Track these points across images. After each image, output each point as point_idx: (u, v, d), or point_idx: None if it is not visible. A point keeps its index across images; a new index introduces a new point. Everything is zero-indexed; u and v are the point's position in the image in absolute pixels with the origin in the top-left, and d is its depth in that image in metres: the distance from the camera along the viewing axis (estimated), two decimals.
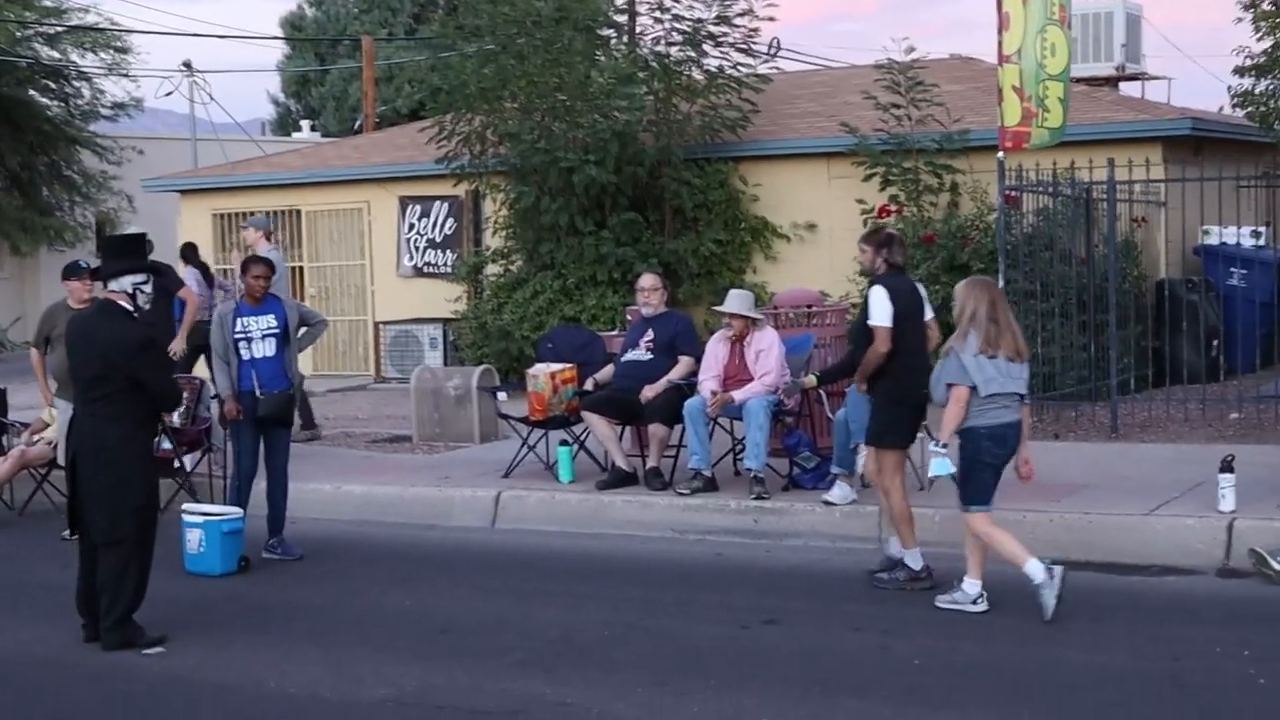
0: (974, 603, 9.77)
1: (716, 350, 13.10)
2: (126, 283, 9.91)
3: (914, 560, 10.61)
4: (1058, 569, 9.57)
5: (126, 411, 9.71)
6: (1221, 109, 23.00)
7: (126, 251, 10.21)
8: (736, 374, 12.95)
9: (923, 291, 11.17)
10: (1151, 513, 11.38)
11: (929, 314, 11.01)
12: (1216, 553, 10.82)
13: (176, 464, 13.78)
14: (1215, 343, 18.11)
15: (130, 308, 9.90)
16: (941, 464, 9.76)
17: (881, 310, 10.53)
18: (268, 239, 17.28)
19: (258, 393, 12.22)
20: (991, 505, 9.90)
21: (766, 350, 12.81)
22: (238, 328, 12.30)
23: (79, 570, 9.96)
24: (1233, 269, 18.65)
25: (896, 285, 10.69)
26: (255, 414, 12.23)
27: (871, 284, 10.74)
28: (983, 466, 9.74)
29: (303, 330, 12.73)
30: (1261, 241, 18.93)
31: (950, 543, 11.45)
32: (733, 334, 12.99)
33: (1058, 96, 15.18)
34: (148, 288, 10.01)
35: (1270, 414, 15.40)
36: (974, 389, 9.64)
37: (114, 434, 9.68)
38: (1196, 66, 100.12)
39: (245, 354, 12.27)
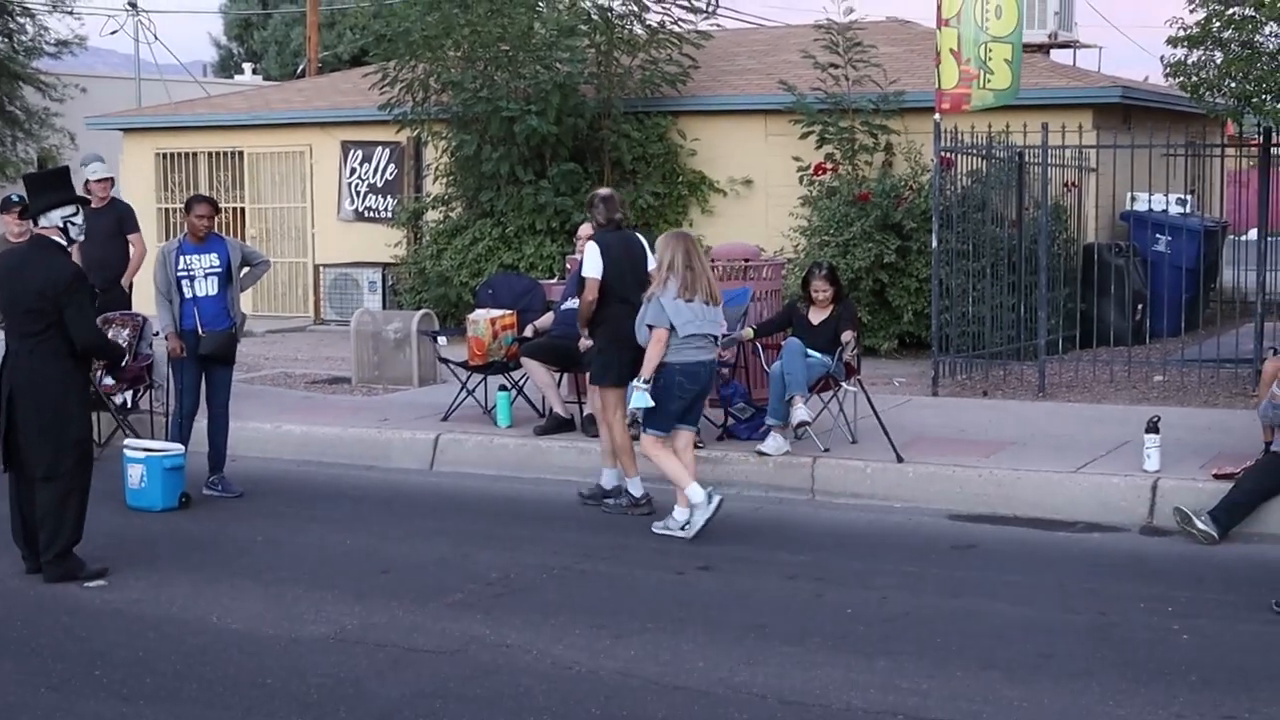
0: (682, 528, 10.76)
1: None
2: (56, 216, 9.86)
3: (635, 488, 11.63)
4: (716, 497, 10.62)
5: (63, 346, 9.69)
6: (1147, 78, 23.31)
7: (52, 186, 10.10)
8: None
9: (644, 243, 11.87)
10: (1078, 470, 11.60)
11: (651, 264, 11.43)
12: (1140, 511, 11.04)
13: (119, 400, 13.81)
14: (1140, 306, 18.44)
15: (63, 241, 9.88)
16: (641, 397, 10.61)
17: (592, 264, 11.48)
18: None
19: (200, 331, 12.29)
20: (669, 433, 10.86)
21: None
22: (180, 266, 12.31)
23: (11, 504, 9.98)
24: (1159, 235, 18.92)
25: (609, 240, 11.59)
26: (197, 352, 12.31)
27: (589, 240, 11.71)
28: (672, 398, 10.71)
29: (245, 270, 12.80)
30: (1187, 209, 19.19)
31: (880, 495, 11.73)
32: None
33: (1004, 58, 15.08)
34: (78, 219, 9.96)
35: (1193, 377, 15.70)
36: (673, 330, 10.54)
37: (51, 369, 9.67)
38: (1124, 37, 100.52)
39: (188, 292, 12.31)
